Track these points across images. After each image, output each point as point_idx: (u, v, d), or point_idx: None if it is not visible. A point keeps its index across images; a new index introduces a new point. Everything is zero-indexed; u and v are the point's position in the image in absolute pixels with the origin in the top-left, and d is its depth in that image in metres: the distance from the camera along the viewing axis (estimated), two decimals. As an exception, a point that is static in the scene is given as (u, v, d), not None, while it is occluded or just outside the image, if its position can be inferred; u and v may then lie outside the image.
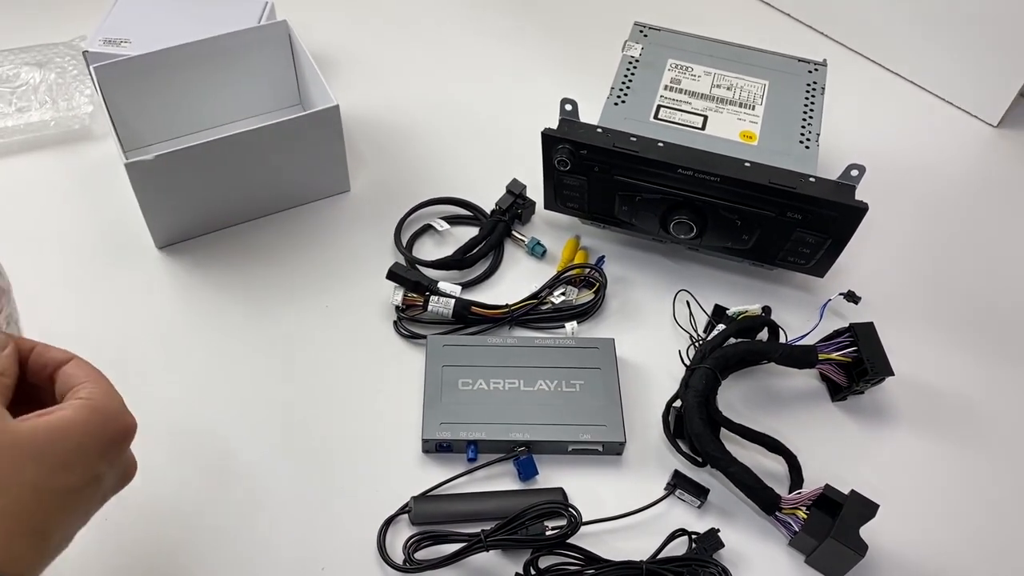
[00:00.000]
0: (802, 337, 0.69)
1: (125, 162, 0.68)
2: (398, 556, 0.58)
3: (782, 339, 0.69)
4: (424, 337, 0.70)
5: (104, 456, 0.37)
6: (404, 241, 0.78)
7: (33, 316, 0.72)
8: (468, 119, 0.91)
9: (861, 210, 0.64)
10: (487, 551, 0.57)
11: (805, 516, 0.58)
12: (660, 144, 0.68)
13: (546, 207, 0.77)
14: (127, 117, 0.80)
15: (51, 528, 0.35)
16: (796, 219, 0.67)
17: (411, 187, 0.82)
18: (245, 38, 0.81)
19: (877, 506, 0.57)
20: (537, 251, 0.78)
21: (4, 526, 0.33)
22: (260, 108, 0.87)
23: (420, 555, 0.57)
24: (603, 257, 0.77)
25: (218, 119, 0.85)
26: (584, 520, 0.58)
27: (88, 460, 0.36)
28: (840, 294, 0.72)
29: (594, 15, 1.04)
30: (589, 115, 0.71)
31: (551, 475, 0.63)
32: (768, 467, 0.64)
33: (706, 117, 0.73)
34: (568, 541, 0.57)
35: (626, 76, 0.77)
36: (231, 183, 0.75)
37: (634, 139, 0.68)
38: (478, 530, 0.57)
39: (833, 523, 0.57)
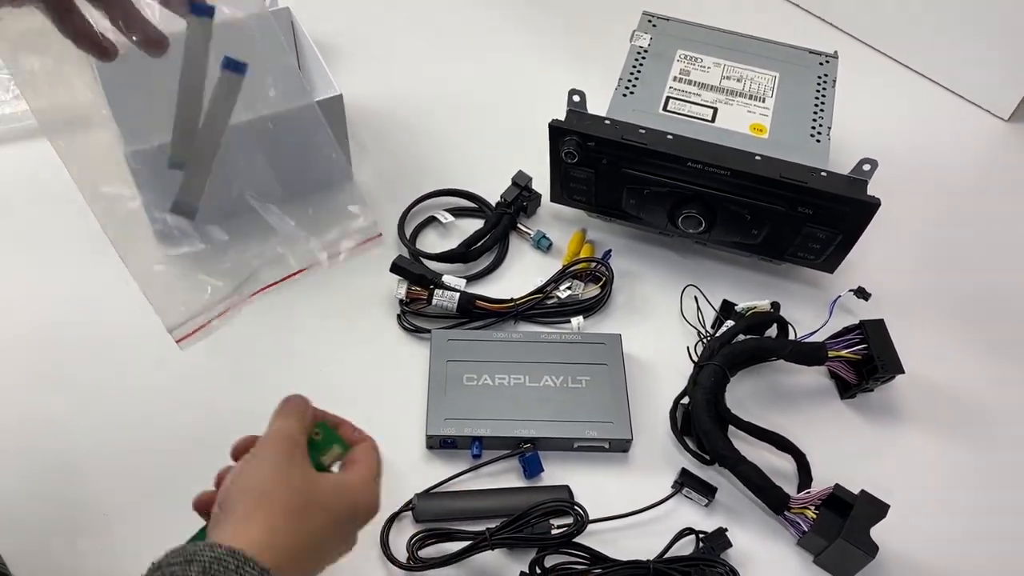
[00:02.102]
0: (812, 334, 0.68)
1: (125, 151, 0.67)
2: (402, 554, 0.57)
3: (791, 336, 0.68)
4: (428, 331, 0.69)
5: (357, 525, 0.44)
6: (408, 233, 0.77)
7: (33, 303, 0.71)
8: (474, 109, 0.89)
9: (873, 205, 0.63)
10: (492, 549, 0.57)
11: (814, 516, 0.58)
12: (669, 136, 0.67)
13: (552, 200, 0.76)
14: (126, 106, 0.78)
15: (310, 566, 0.41)
16: (807, 214, 0.66)
17: (415, 178, 0.81)
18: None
19: (887, 506, 0.57)
20: (543, 244, 0.76)
21: (288, 553, 0.39)
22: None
23: (424, 553, 0.56)
24: (610, 251, 0.76)
25: (219, 108, 0.84)
26: (590, 519, 0.57)
27: (352, 523, 0.44)
28: (850, 290, 0.71)
29: (602, 4, 1.03)
30: (597, 106, 0.70)
31: (556, 472, 0.62)
32: (777, 465, 0.63)
33: (716, 109, 0.72)
34: (574, 540, 0.57)
35: (635, 67, 0.76)
36: (231, 173, 0.74)
37: (643, 131, 0.67)
38: (483, 528, 0.57)
39: (843, 523, 0.56)
